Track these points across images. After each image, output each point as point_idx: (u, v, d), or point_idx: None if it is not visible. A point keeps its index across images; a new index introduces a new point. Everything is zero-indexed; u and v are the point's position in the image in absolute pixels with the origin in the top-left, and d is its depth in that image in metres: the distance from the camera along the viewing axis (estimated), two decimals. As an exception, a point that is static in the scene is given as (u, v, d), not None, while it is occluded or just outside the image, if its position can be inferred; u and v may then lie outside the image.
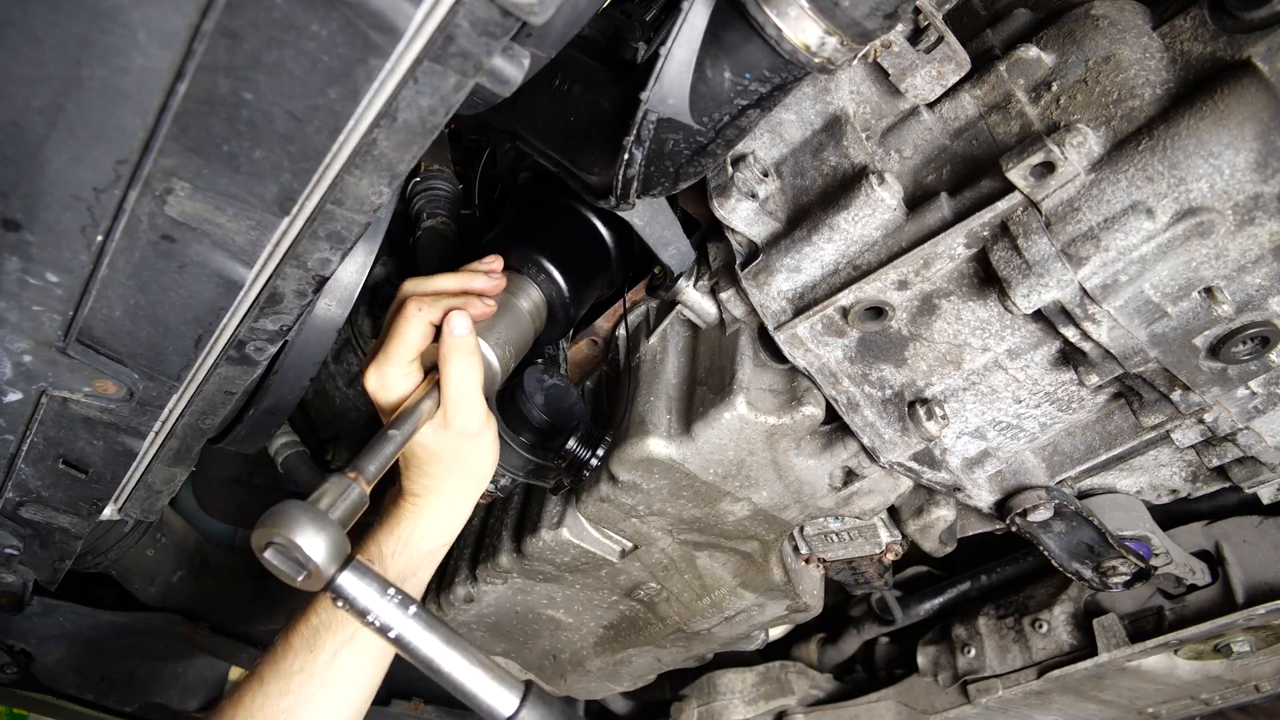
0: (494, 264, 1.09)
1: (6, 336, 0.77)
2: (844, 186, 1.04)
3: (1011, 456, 1.22)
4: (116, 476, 1.04)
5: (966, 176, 1.00)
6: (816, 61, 0.81)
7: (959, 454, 1.20)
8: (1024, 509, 1.20)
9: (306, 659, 0.97)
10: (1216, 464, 1.18)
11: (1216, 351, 0.97)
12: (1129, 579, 1.31)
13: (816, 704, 2.02)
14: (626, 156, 0.90)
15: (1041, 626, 1.71)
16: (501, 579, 1.49)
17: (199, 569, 2.04)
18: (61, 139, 0.60)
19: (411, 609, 0.78)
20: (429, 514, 1.07)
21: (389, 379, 0.97)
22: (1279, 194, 0.86)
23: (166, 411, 0.95)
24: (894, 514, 1.43)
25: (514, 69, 0.65)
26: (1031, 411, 1.14)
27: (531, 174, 1.47)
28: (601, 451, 1.20)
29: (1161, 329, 0.96)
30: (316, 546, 0.73)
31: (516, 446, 1.29)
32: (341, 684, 0.99)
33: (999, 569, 1.91)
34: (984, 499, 1.23)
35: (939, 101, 1.03)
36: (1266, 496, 1.22)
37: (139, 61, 0.55)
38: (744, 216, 1.10)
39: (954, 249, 0.97)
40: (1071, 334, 0.98)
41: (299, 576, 0.75)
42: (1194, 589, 1.52)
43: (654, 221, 1.16)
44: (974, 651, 1.80)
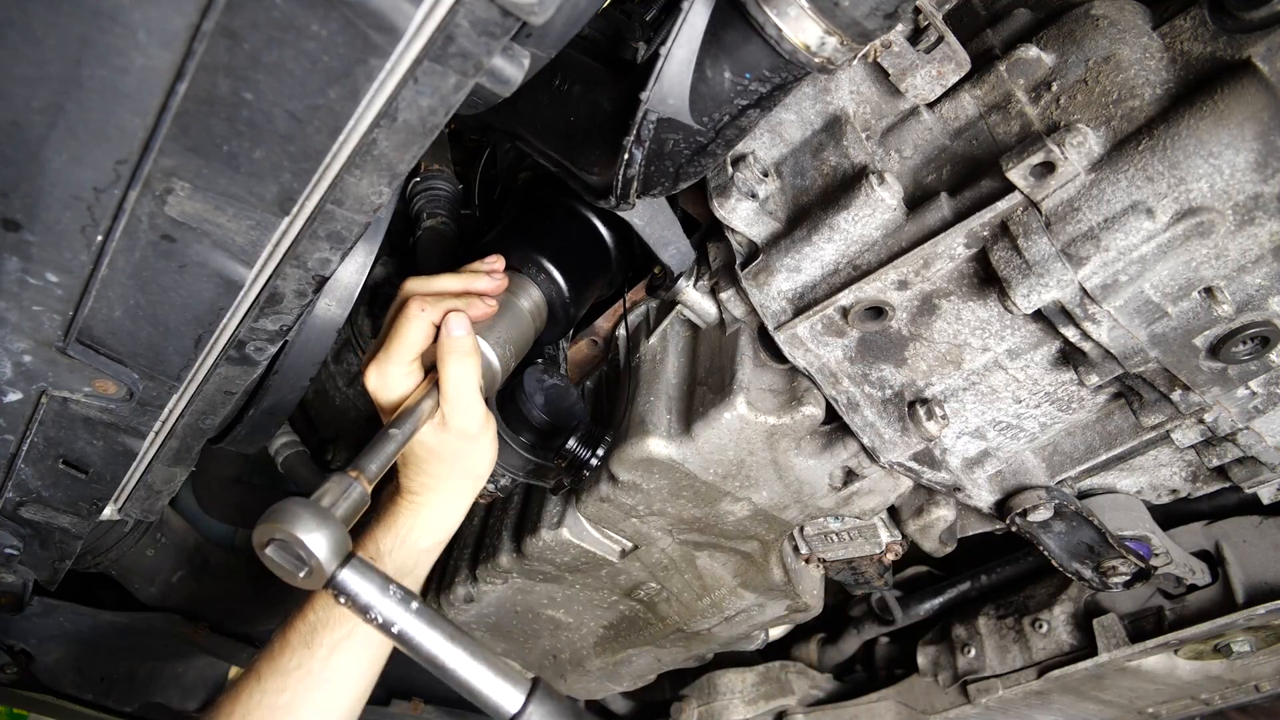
0: (496, 264, 1.09)
1: (6, 336, 0.77)
2: (844, 186, 1.04)
3: (1011, 456, 1.22)
4: (116, 476, 1.04)
5: (966, 176, 1.00)
6: (816, 61, 0.81)
7: (959, 454, 1.20)
8: (1024, 509, 1.20)
9: (304, 656, 0.98)
10: (1216, 464, 1.18)
11: (1216, 351, 0.97)
12: (1129, 579, 1.31)
13: (816, 704, 2.02)
14: (626, 156, 0.90)
15: (1041, 626, 1.71)
16: (501, 579, 1.49)
17: (199, 569, 2.04)
18: (61, 139, 0.59)
19: (413, 604, 0.77)
20: (427, 512, 1.07)
21: (389, 378, 0.97)
22: (1279, 194, 0.86)
23: (166, 411, 0.95)
24: (894, 514, 1.43)
25: (514, 69, 0.65)
26: (1031, 411, 1.14)
27: (531, 174, 1.47)
28: (601, 451, 1.20)
29: (1161, 329, 0.96)
30: (318, 543, 0.73)
31: (516, 446, 1.29)
32: (338, 681, 0.99)
33: (999, 569, 1.91)
34: (984, 499, 1.23)
35: (939, 101, 1.03)
36: (1266, 496, 1.22)
37: (139, 61, 0.55)
38: (744, 216, 1.10)
39: (954, 249, 0.97)
40: (1071, 334, 0.98)
41: (300, 573, 0.75)
42: (1194, 589, 1.52)
43: (654, 221, 1.16)
44: (974, 651, 1.80)
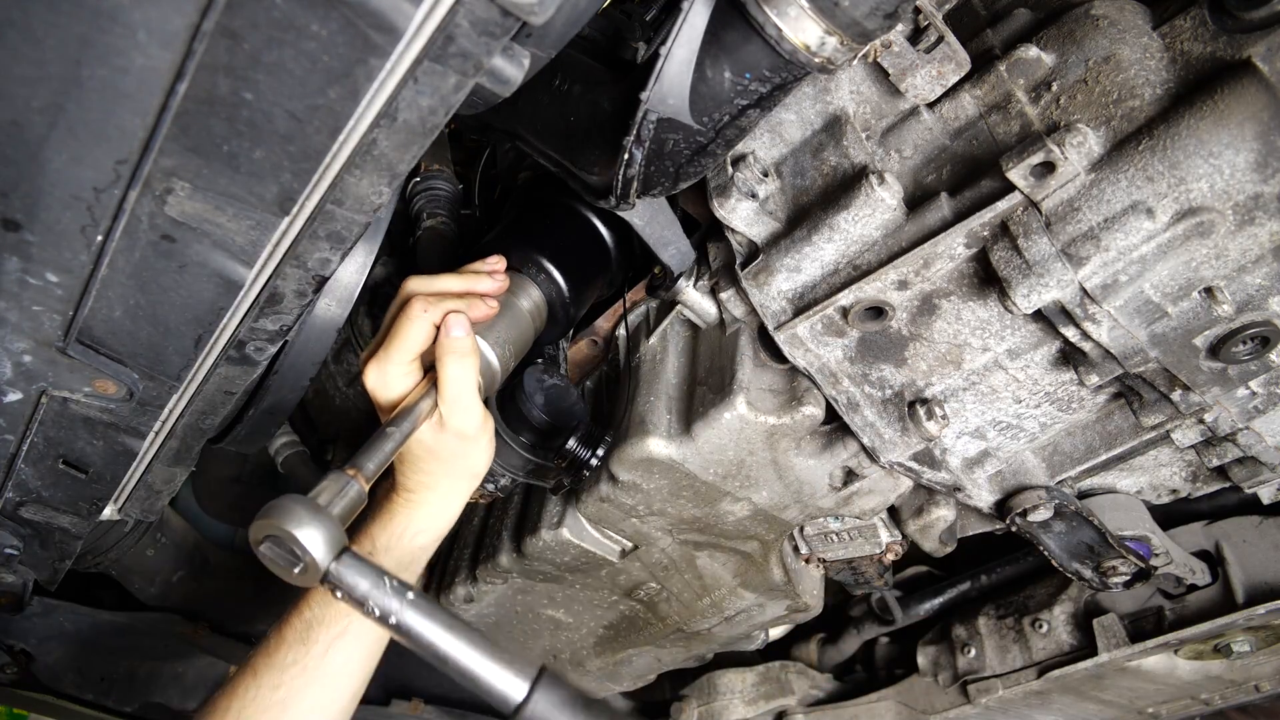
0: (497, 265, 1.09)
1: (6, 336, 0.77)
2: (844, 186, 1.04)
3: (1011, 456, 1.22)
4: (116, 476, 1.04)
5: (966, 176, 1.00)
6: (816, 61, 0.81)
7: (959, 454, 1.20)
8: (1024, 509, 1.20)
9: (300, 652, 0.98)
10: (1216, 464, 1.18)
11: (1216, 351, 0.97)
12: (1129, 579, 1.31)
13: (816, 704, 2.02)
14: (626, 156, 0.90)
15: (1041, 626, 1.71)
16: (501, 579, 1.49)
17: (199, 569, 2.04)
18: (61, 139, 0.59)
19: (410, 595, 0.75)
20: (423, 509, 1.07)
21: (389, 377, 0.97)
22: (1279, 194, 0.86)
23: (166, 411, 0.95)
24: (894, 514, 1.43)
25: (514, 69, 0.65)
26: (1031, 411, 1.14)
27: (531, 174, 1.47)
28: (601, 451, 1.20)
29: (1161, 329, 0.96)
30: (313, 540, 0.73)
31: (516, 446, 1.29)
32: (334, 677, 1.00)
33: (999, 569, 1.91)
34: (984, 499, 1.23)
35: (939, 101, 1.03)
36: (1266, 496, 1.22)
37: (139, 61, 0.55)
38: (744, 216, 1.10)
39: (954, 249, 0.97)
40: (1071, 334, 0.98)
41: (295, 570, 0.74)
42: (1194, 589, 1.52)
43: (654, 221, 1.16)
44: (974, 651, 1.80)
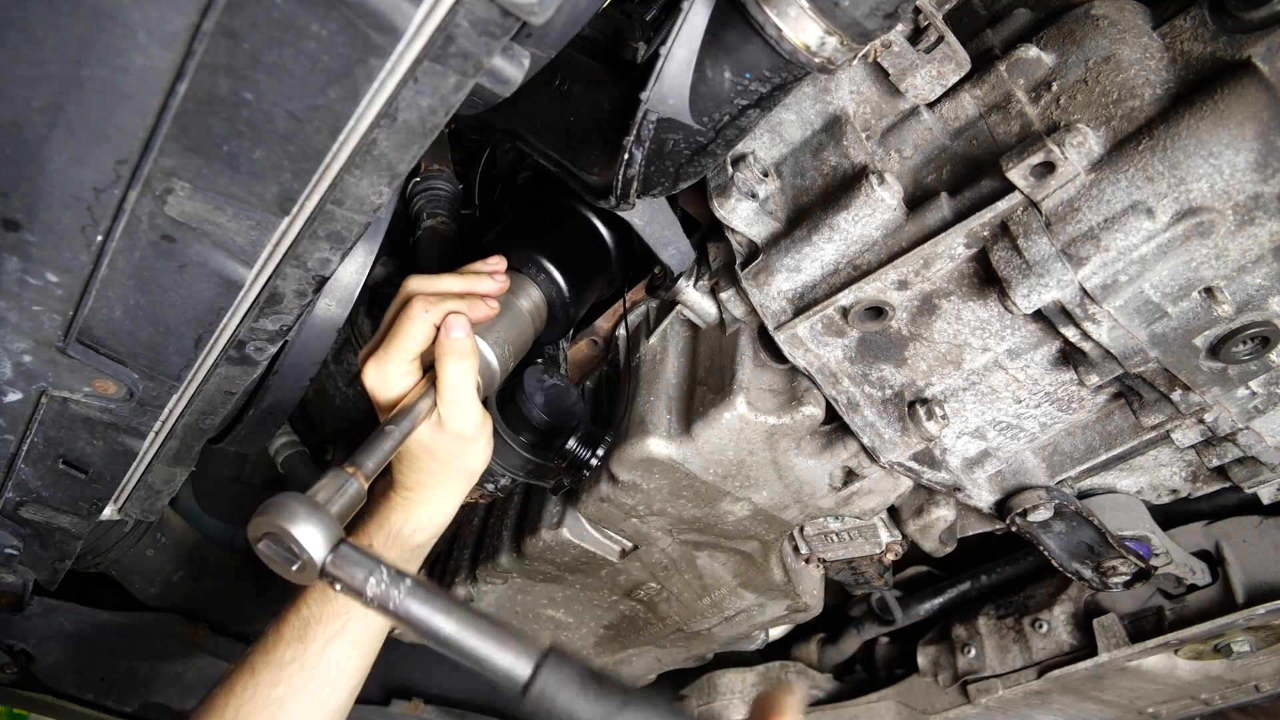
0: (498, 265, 1.09)
1: (6, 336, 0.77)
2: (844, 186, 1.04)
3: (1011, 456, 1.22)
4: (116, 476, 1.04)
5: (966, 176, 1.00)
6: (816, 61, 0.81)
7: (959, 454, 1.20)
8: (1024, 509, 1.20)
9: (298, 650, 0.99)
10: (1216, 464, 1.18)
11: (1216, 351, 0.97)
12: (1129, 579, 1.31)
13: (816, 704, 2.02)
14: (626, 156, 0.90)
15: (1041, 626, 1.71)
16: (501, 579, 1.49)
17: (199, 569, 2.04)
18: (61, 139, 0.59)
19: (408, 581, 0.74)
20: (421, 507, 1.08)
21: (389, 376, 0.97)
22: (1279, 194, 0.86)
23: (166, 411, 0.95)
24: (894, 514, 1.43)
25: (514, 69, 0.65)
26: (1031, 411, 1.14)
27: (531, 174, 1.47)
28: (601, 451, 1.20)
29: (1161, 329, 0.96)
30: (311, 538, 0.72)
31: (516, 446, 1.29)
32: (332, 674, 1.00)
33: (999, 569, 1.91)
34: (984, 499, 1.23)
35: (939, 101, 1.03)
36: (1266, 496, 1.22)
37: (139, 61, 0.55)
38: (744, 216, 1.10)
39: (954, 249, 0.97)
40: (1071, 334, 0.98)
41: (293, 567, 0.74)
42: (1194, 589, 1.52)
43: (654, 221, 1.16)
44: (974, 651, 1.80)
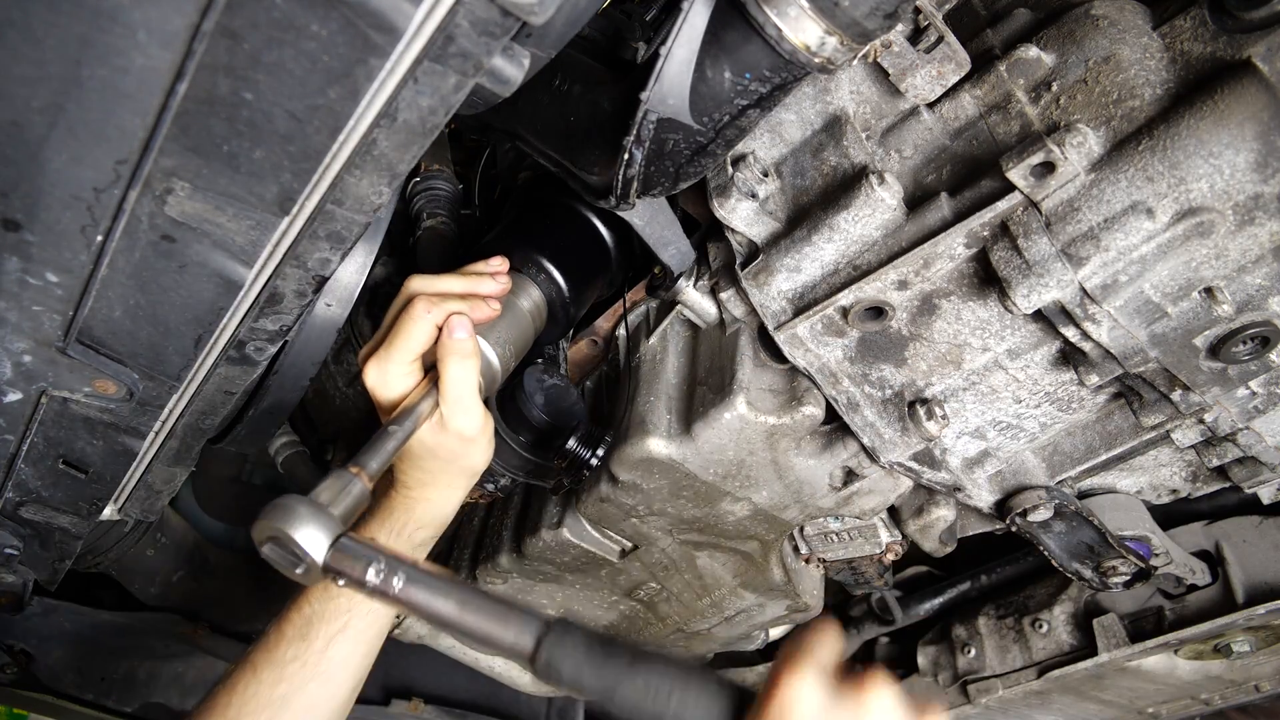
0: (500, 267, 1.09)
1: (6, 336, 0.77)
2: (844, 186, 1.04)
3: (1011, 456, 1.22)
4: (116, 476, 1.04)
5: (966, 176, 1.00)
6: (816, 61, 0.81)
7: (959, 454, 1.20)
8: (1024, 509, 1.20)
9: (300, 648, 0.99)
10: (1216, 464, 1.18)
11: (1216, 351, 0.97)
12: (1129, 579, 1.31)
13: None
14: (626, 156, 0.90)
15: (1041, 626, 1.71)
16: (501, 579, 1.49)
17: (199, 569, 2.04)
18: (61, 139, 0.59)
19: (407, 566, 0.75)
20: (422, 506, 1.08)
21: (390, 376, 0.97)
22: (1279, 194, 0.86)
23: (166, 411, 0.95)
24: (894, 514, 1.43)
25: (514, 69, 0.65)
26: (1031, 411, 1.14)
27: (531, 174, 1.47)
28: (601, 451, 1.20)
29: (1161, 329, 0.96)
30: (315, 541, 0.73)
31: (516, 446, 1.29)
32: (334, 673, 1.00)
33: (999, 569, 1.91)
34: (984, 499, 1.23)
35: (939, 101, 1.03)
36: (1266, 496, 1.22)
37: (139, 61, 0.55)
38: (744, 216, 1.10)
39: (954, 249, 0.97)
40: (1071, 334, 0.98)
41: (297, 569, 0.74)
42: (1194, 589, 1.52)
43: (654, 221, 1.16)
44: (974, 651, 1.80)
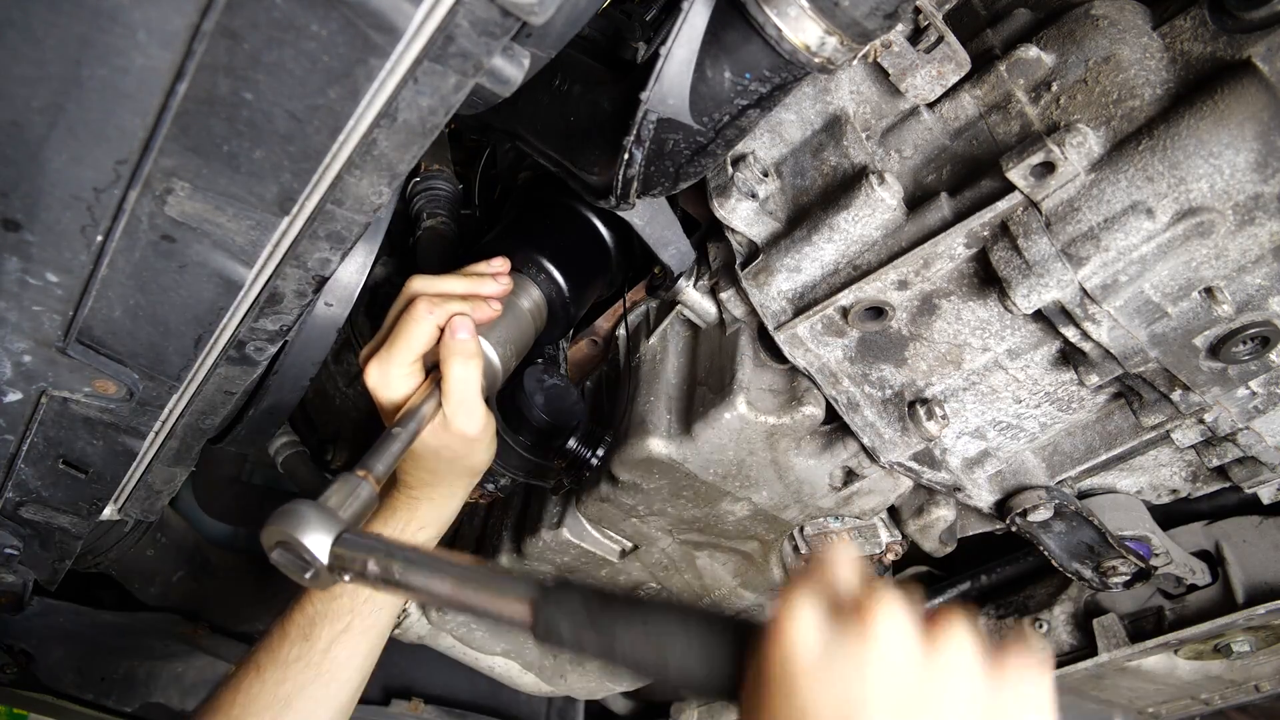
0: (501, 267, 1.09)
1: (6, 336, 0.77)
2: (844, 186, 1.04)
3: (1011, 456, 1.22)
4: (116, 476, 1.04)
5: (966, 176, 1.00)
6: (816, 61, 0.81)
7: (959, 454, 1.20)
8: (1024, 509, 1.20)
9: (303, 648, 0.99)
10: (1216, 464, 1.18)
11: (1216, 351, 0.97)
12: (1129, 579, 1.31)
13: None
14: (626, 156, 0.90)
15: (1041, 626, 1.71)
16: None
17: (199, 569, 2.04)
18: (61, 139, 0.59)
19: (404, 552, 0.76)
20: (425, 506, 1.08)
21: (391, 377, 0.97)
22: (1279, 194, 0.86)
23: (166, 411, 0.95)
24: (894, 514, 1.43)
25: (514, 69, 0.65)
26: (1031, 411, 1.14)
27: (531, 174, 1.47)
28: (601, 451, 1.20)
29: (1161, 329, 0.96)
30: (325, 546, 0.73)
31: (516, 446, 1.29)
32: (337, 672, 1.01)
33: (999, 569, 1.91)
34: (984, 499, 1.23)
35: (939, 101, 1.03)
36: (1266, 496, 1.22)
37: (139, 61, 0.55)
38: (744, 216, 1.10)
39: (954, 249, 0.97)
40: (1071, 334, 0.98)
41: (306, 574, 0.75)
42: (1194, 589, 1.52)
43: (654, 221, 1.16)
44: (974, 651, 1.80)
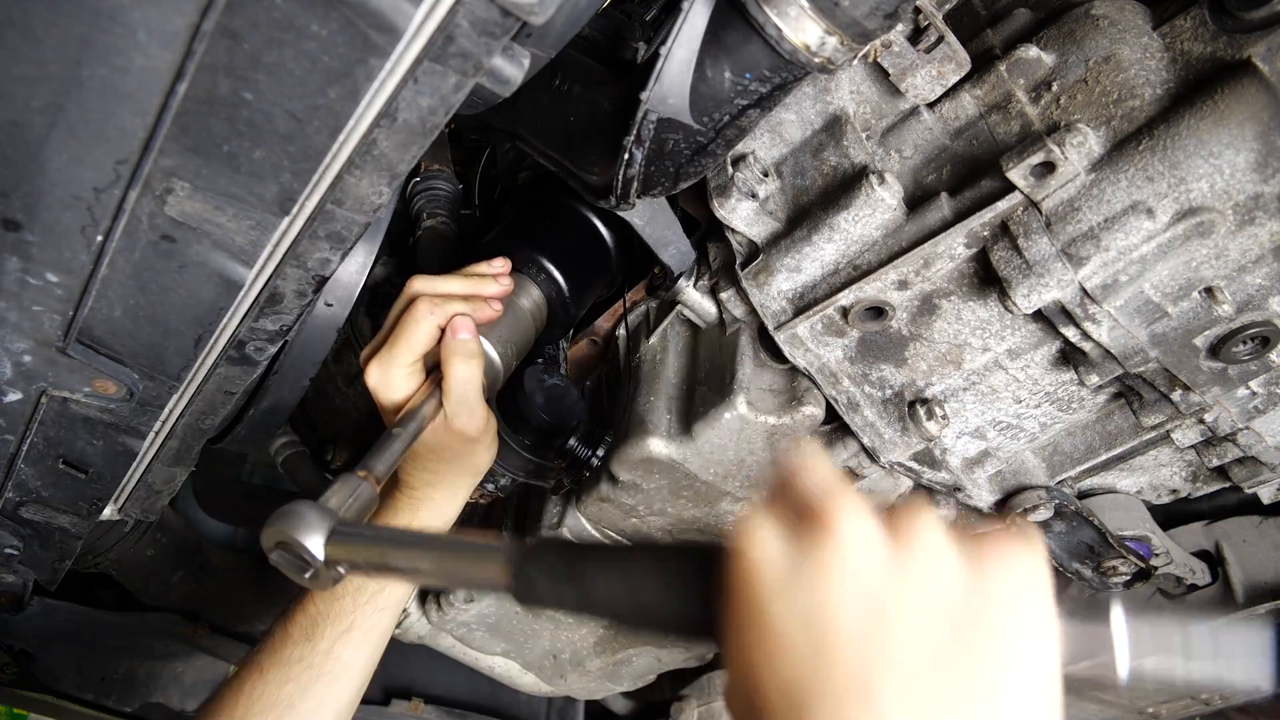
0: (503, 268, 1.09)
1: (6, 336, 0.77)
2: (844, 186, 1.04)
3: (1011, 456, 1.22)
4: (116, 476, 1.04)
5: (967, 176, 1.00)
6: (817, 61, 0.81)
7: (959, 454, 1.20)
8: (1024, 509, 1.20)
9: (305, 649, 0.99)
10: (1216, 464, 1.18)
11: (1217, 351, 0.97)
12: (1129, 579, 1.31)
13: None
14: (626, 156, 0.90)
15: (1041, 626, 1.71)
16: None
17: (199, 569, 2.04)
18: (61, 139, 0.59)
19: (388, 534, 0.77)
20: (427, 506, 1.08)
21: (392, 377, 0.97)
22: (1279, 194, 0.86)
23: (166, 411, 0.95)
24: (894, 514, 1.43)
25: (514, 69, 0.65)
26: (1032, 411, 1.14)
27: (531, 174, 1.47)
28: (601, 451, 1.20)
29: (1162, 329, 0.96)
30: (322, 547, 0.73)
31: (516, 446, 1.29)
32: (340, 673, 1.01)
33: (999, 569, 1.91)
34: (984, 499, 1.23)
35: (939, 101, 1.03)
36: (1266, 496, 1.22)
37: (139, 61, 0.55)
38: (744, 216, 1.10)
39: (954, 249, 0.97)
40: (1072, 334, 0.97)
41: (306, 575, 0.75)
42: (1194, 589, 1.52)
43: (654, 221, 1.16)
44: (974, 651, 1.80)
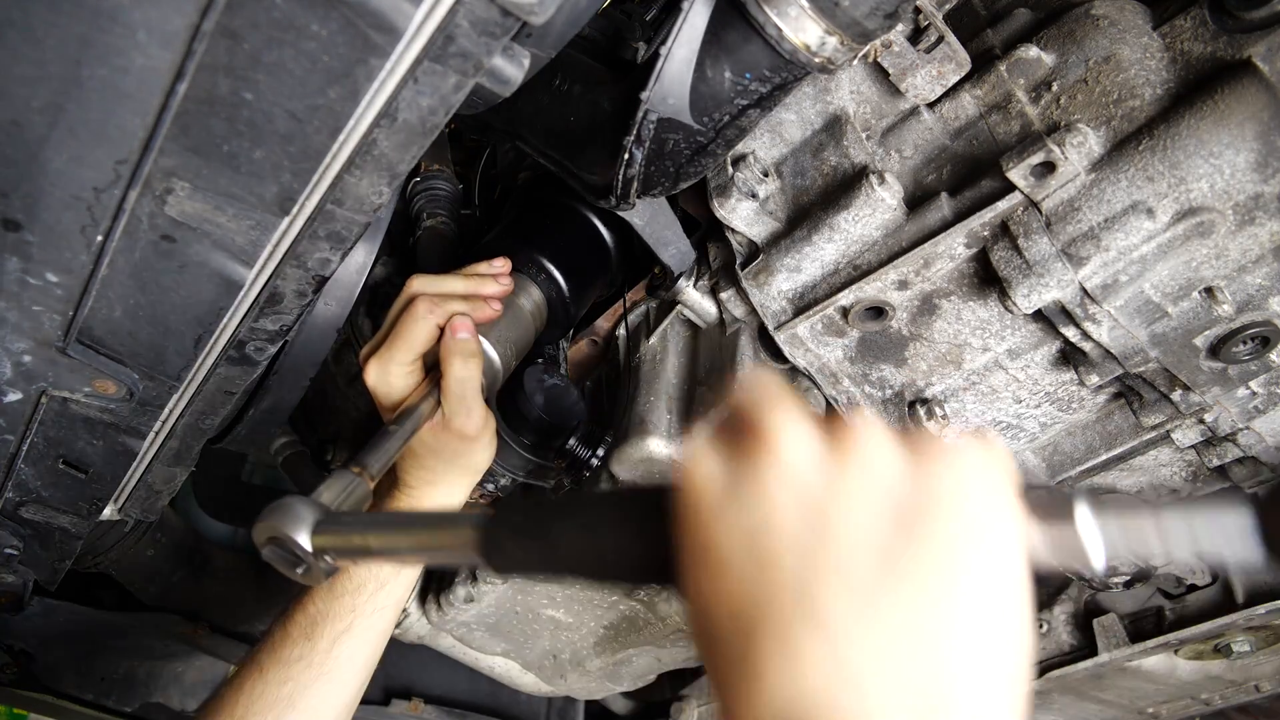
0: (503, 268, 1.09)
1: (6, 336, 0.77)
2: (844, 186, 1.04)
3: (1012, 456, 1.22)
4: (116, 476, 1.04)
5: (967, 176, 1.00)
6: (817, 61, 0.81)
7: (959, 454, 1.20)
8: (1024, 509, 1.20)
9: (305, 648, 1.00)
10: (1217, 464, 1.17)
11: (1217, 351, 0.97)
12: (1129, 579, 1.31)
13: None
14: (626, 156, 0.90)
15: (1041, 626, 1.71)
16: (501, 579, 1.49)
17: (199, 569, 2.04)
18: (61, 139, 0.59)
19: (365, 520, 0.76)
20: (425, 505, 1.08)
21: (391, 376, 0.98)
22: (1279, 194, 0.86)
23: (166, 411, 0.95)
24: (894, 514, 1.43)
25: (514, 69, 0.64)
26: (1032, 411, 1.14)
27: (531, 174, 1.47)
28: (602, 451, 1.20)
29: (1162, 329, 0.96)
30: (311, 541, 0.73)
31: (516, 446, 1.29)
32: (340, 672, 1.01)
33: (999, 569, 1.91)
34: (984, 499, 1.23)
35: (939, 101, 1.03)
36: (1267, 497, 1.22)
37: (139, 61, 0.55)
38: (744, 216, 1.10)
39: (954, 249, 0.97)
40: (1072, 334, 0.98)
41: (298, 570, 0.74)
42: (1194, 589, 1.52)
43: (654, 221, 1.16)
44: (974, 651, 1.80)
